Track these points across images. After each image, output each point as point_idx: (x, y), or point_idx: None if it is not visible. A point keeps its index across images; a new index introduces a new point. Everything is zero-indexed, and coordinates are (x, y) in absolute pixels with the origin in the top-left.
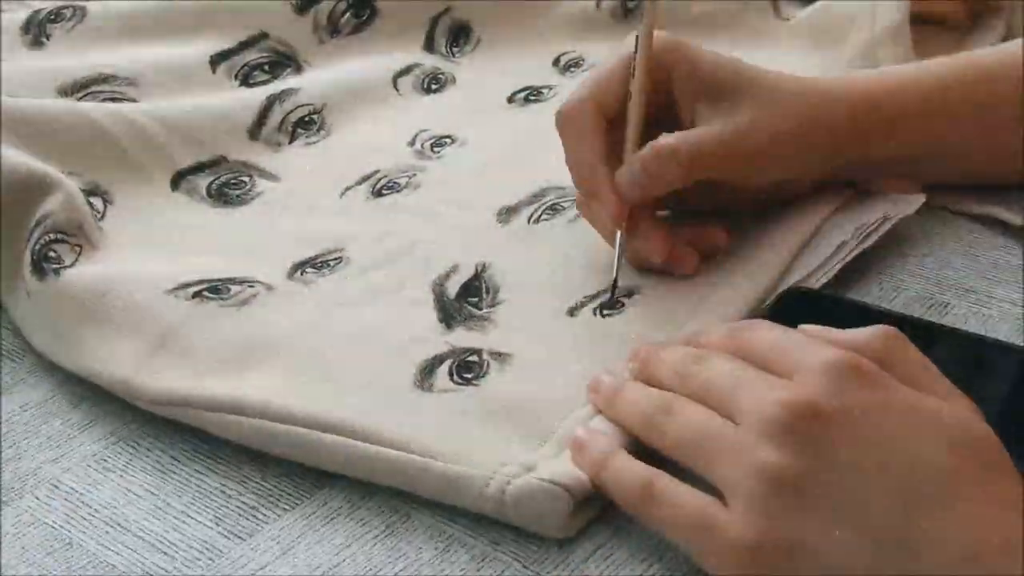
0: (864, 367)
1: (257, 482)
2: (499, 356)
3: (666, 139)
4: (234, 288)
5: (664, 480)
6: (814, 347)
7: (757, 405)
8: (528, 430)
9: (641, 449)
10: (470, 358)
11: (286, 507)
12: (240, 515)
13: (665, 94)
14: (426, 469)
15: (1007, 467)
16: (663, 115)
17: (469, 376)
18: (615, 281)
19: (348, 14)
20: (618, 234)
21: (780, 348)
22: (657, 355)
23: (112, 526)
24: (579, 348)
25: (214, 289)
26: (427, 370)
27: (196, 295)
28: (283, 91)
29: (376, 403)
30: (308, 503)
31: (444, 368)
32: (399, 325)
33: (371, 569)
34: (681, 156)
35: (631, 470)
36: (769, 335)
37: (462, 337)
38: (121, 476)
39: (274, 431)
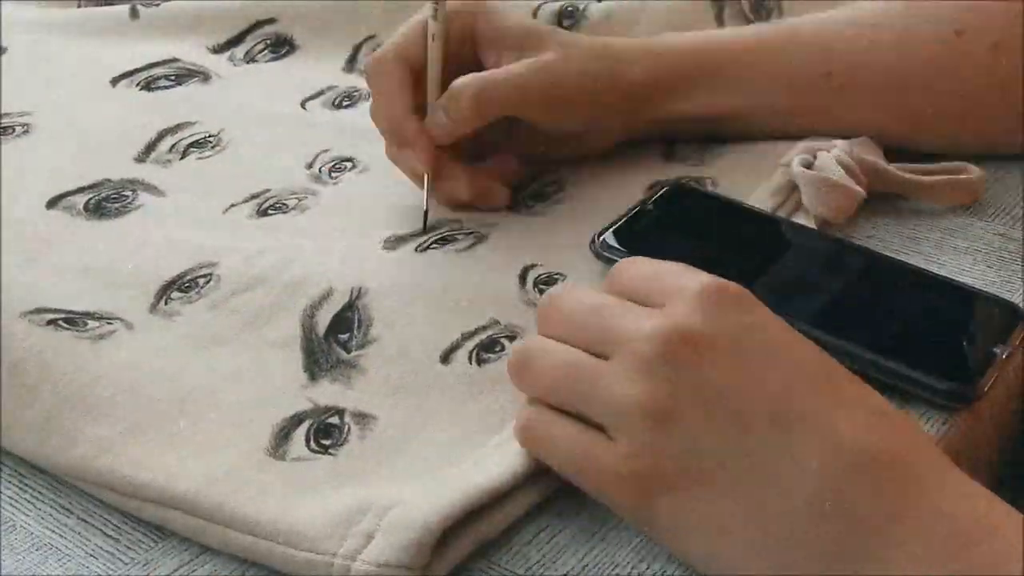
0: (732, 290)
1: None
2: (362, 419)
3: (459, 80)
4: (91, 323)
5: (540, 416)
6: (687, 275)
7: (627, 337)
8: (374, 502)
9: None
10: (331, 420)
11: None
12: None
13: (471, 52)
14: (270, 552)
15: (862, 383)
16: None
17: (327, 443)
18: (425, 215)
19: (266, 51)
20: (425, 177)
21: (653, 279)
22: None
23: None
24: (447, 409)
25: (70, 320)
26: (283, 434)
27: (51, 323)
28: (177, 125)
29: (223, 473)
30: None
31: (301, 431)
32: (260, 374)
33: None
34: (470, 93)
35: (518, 414)
36: (644, 269)
37: (325, 391)
38: None
39: (109, 496)
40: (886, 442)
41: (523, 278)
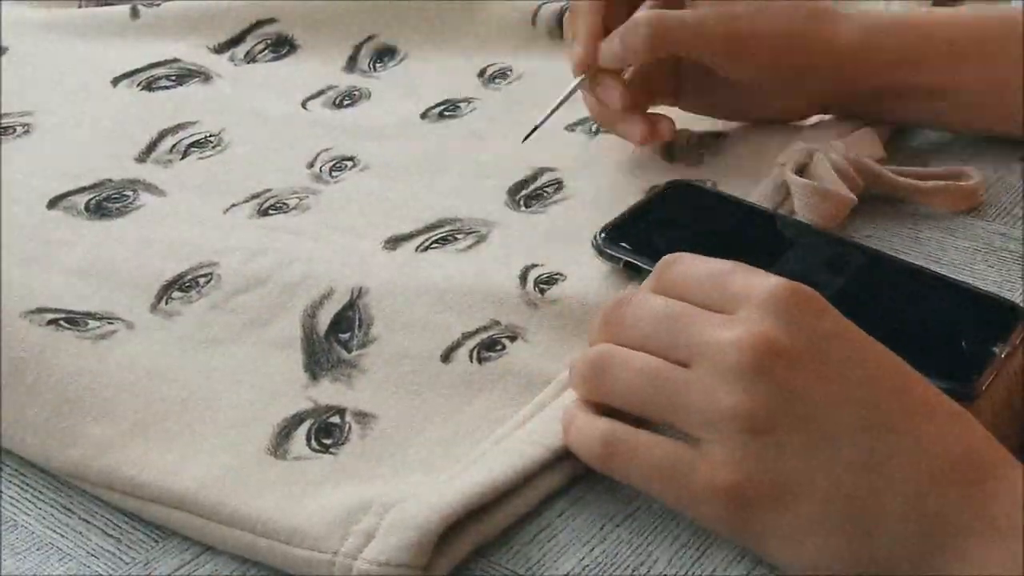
0: (806, 293)
1: None
2: (363, 418)
3: (642, 12)
4: (92, 323)
5: (624, 431)
6: (749, 276)
7: (711, 346)
8: (375, 501)
9: None
10: (332, 419)
11: None
12: None
13: None
14: (271, 551)
15: (931, 385)
16: None
17: (328, 443)
18: (548, 116)
19: (266, 51)
20: (576, 80)
21: (714, 280)
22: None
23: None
24: (448, 407)
25: (71, 320)
26: (284, 433)
27: (52, 322)
28: (177, 125)
29: (223, 472)
30: None
31: (302, 431)
32: (261, 373)
33: None
34: (646, 23)
35: (590, 426)
36: (697, 268)
37: (326, 391)
38: None
39: (110, 496)
40: (963, 445)
41: (523, 278)
